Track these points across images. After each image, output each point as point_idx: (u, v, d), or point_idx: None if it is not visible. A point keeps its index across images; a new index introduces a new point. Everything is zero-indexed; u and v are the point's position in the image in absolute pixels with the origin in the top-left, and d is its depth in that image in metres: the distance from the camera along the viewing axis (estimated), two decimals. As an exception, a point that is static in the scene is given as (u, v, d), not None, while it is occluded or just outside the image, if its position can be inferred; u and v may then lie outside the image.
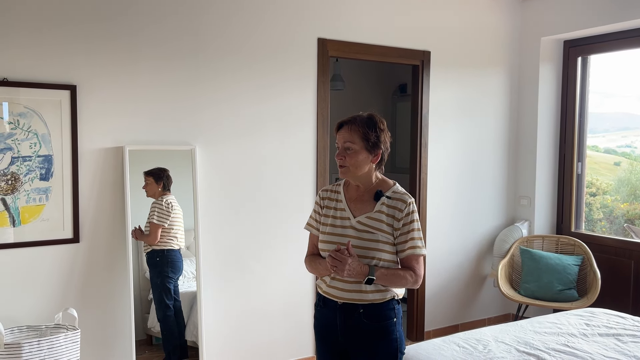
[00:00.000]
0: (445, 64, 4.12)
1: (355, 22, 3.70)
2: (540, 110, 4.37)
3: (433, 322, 4.25)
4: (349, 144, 2.02)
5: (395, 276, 1.99)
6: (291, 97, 3.51)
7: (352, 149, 2.02)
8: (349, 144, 2.02)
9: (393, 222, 2.01)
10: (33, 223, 2.81)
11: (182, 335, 3.36)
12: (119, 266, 3.04)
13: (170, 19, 3.10)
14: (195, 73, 3.19)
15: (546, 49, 4.34)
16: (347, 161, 2.02)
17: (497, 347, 2.63)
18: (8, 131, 2.73)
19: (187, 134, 3.20)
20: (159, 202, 3.22)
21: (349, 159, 2.02)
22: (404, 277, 1.99)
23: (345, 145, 2.02)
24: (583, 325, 2.94)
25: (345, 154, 2.02)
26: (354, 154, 2.02)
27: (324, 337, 2.13)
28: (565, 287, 3.87)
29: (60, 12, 2.82)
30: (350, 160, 2.02)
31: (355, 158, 2.02)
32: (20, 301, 2.81)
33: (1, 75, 2.71)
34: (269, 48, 3.41)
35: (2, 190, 2.74)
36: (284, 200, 3.53)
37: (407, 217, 2.01)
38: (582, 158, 4.37)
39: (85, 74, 2.90)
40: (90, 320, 2.97)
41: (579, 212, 4.41)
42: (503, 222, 4.53)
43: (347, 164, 2.02)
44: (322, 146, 3.64)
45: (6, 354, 2.51)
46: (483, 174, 4.40)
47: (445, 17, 4.09)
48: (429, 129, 4.09)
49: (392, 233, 2.01)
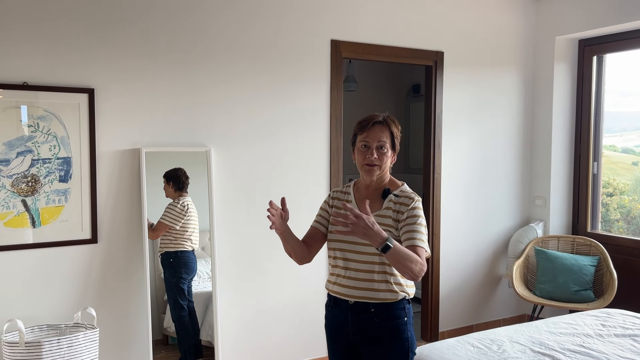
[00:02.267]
0: (459, 64, 4.12)
1: (369, 23, 3.72)
2: (555, 110, 4.34)
3: (447, 322, 4.25)
4: (382, 143, 2.02)
5: (407, 253, 1.86)
6: (305, 98, 3.53)
7: (385, 148, 2.02)
8: (382, 143, 2.02)
9: (398, 216, 2.00)
10: (52, 224, 2.87)
11: (196, 335, 3.40)
12: (136, 266, 3.09)
13: (185, 24, 3.14)
14: (210, 76, 3.23)
15: (561, 48, 4.32)
16: (379, 160, 2.02)
17: (511, 347, 2.62)
18: (28, 134, 2.79)
19: (202, 135, 3.24)
20: (174, 204, 3.26)
21: (381, 159, 2.02)
22: (414, 258, 1.87)
23: (379, 144, 2.02)
24: (599, 325, 2.92)
25: (378, 153, 2.02)
26: (385, 154, 2.03)
27: (335, 337, 2.14)
28: (581, 287, 3.84)
29: (78, 18, 2.88)
30: (381, 159, 2.02)
31: (386, 157, 2.03)
32: (40, 300, 2.87)
33: (21, 79, 2.77)
34: (283, 50, 3.44)
35: (23, 191, 2.80)
36: (297, 201, 3.55)
37: (411, 210, 1.97)
38: (598, 158, 4.33)
39: (103, 77, 2.95)
40: (108, 320, 3.03)
41: (595, 213, 4.37)
42: (518, 222, 4.51)
43: (378, 163, 2.02)
44: (335, 147, 3.66)
45: (27, 353, 2.56)
46: (497, 174, 4.39)
47: (459, 17, 4.09)
48: (443, 130, 4.08)
49: (398, 228, 1.99)
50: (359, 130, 2.06)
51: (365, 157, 2.02)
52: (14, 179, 2.77)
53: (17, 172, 2.77)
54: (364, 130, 2.04)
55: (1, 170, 2.74)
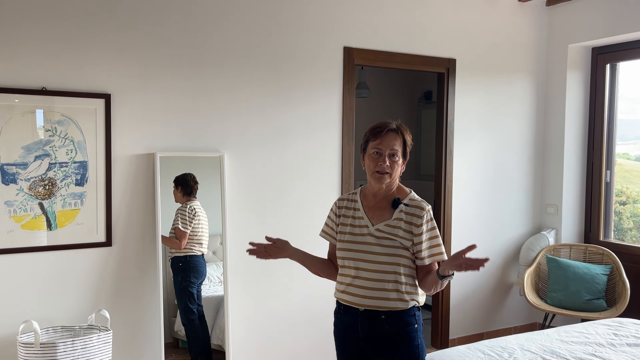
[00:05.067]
0: (471, 72, 4.13)
1: (381, 30, 3.74)
2: (567, 117, 4.32)
3: (458, 329, 4.23)
4: (395, 151, 2.02)
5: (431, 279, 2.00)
6: (317, 105, 3.56)
7: (396, 156, 2.03)
8: (395, 151, 2.02)
9: (412, 228, 2.01)
10: (68, 227, 2.91)
11: (207, 339, 3.43)
12: (149, 270, 3.12)
13: (200, 30, 3.19)
14: (223, 82, 3.27)
15: (574, 55, 4.31)
16: (390, 168, 2.02)
17: (522, 355, 2.62)
18: (46, 138, 2.84)
19: (216, 141, 3.27)
20: (182, 208, 3.29)
21: (392, 167, 2.02)
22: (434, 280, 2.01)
23: (392, 152, 2.02)
24: (611, 335, 2.90)
25: (390, 161, 2.02)
26: (397, 162, 2.03)
27: (345, 344, 2.14)
28: (593, 296, 3.81)
29: (96, 24, 2.93)
30: (393, 167, 2.02)
31: (397, 165, 2.03)
32: (55, 302, 2.91)
33: (40, 84, 2.82)
34: (296, 57, 3.47)
35: (40, 195, 2.85)
36: (309, 207, 3.57)
37: (428, 223, 2.02)
38: (611, 166, 4.31)
39: (120, 83, 3.00)
40: (121, 322, 3.06)
41: (607, 221, 4.34)
42: (529, 230, 4.49)
43: (389, 171, 2.02)
44: (347, 153, 3.68)
45: (42, 353, 2.60)
46: (509, 182, 4.38)
47: (471, 24, 4.10)
48: (454, 136, 4.09)
49: (412, 239, 2.01)
50: (371, 136, 2.05)
51: (377, 164, 2.02)
52: (31, 182, 2.82)
53: (35, 176, 2.83)
54: (377, 137, 2.03)
55: (19, 173, 2.79)
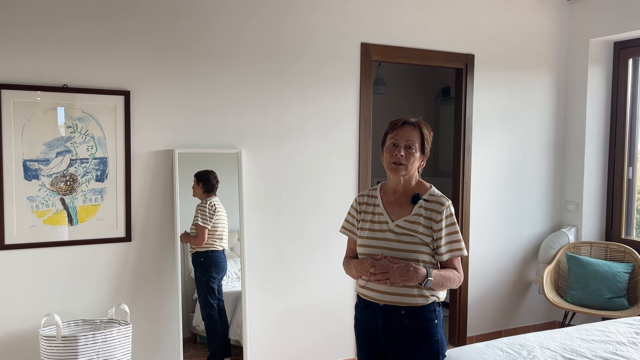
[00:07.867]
0: (490, 67, 4.08)
1: (399, 26, 3.72)
2: (588, 113, 4.26)
3: (476, 327, 4.20)
4: (411, 143, 2.04)
5: (447, 277, 2.02)
6: (334, 101, 3.56)
7: (413, 148, 2.04)
8: (411, 143, 2.04)
9: (431, 224, 2.02)
10: (89, 222, 2.96)
11: (225, 334, 3.45)
12: (168, 265, 3.15)
13: (218, 28, 3.20)
14: (242, 79, 3.28)
15: (595, 50, 4.24)
16: (406, 159, 2.04)
17: (542, 353, 2.59)
18: (67, 135, 2.88)
19: (234, 137, 3.29)
20: (202, 204, 3.32)
21: (408, 158, 2.04)
22: (453, 277, 2.04)
23: (408, 144, 2.04)
24: (632, 333, 2.86)
25: (406, 152, 2.04)
26: (413, 154, 2.04)
27: (365, 338, 2.15)
28: (614, 295, 3.76)
29: (116, 23, 2.96)
30: (408, 158, 2.04)
31: (413, 157, 2.04)
32: (76, 296, 2.96)
33: (62, 81, 2.87)
34: (313, 53, 3.47)
35: (62, 190, 2.89)
36: (326, 203, 3.57)
37: (447, 219, 2.03)
38: (634, 162, 4.24)
39: (139, 80, 3.03)
40: (140, 316, 3.10)
41: (629, 218, 4.27)
42: (549, 227, 4.44)
43: (405, 162, 2.04)
44: (364, 149, 3.67)
45: (63, 346, 2.65)
46: (528, 178, 4.33)
47: (490, 19, 4.06)
48: (473, 133, 4.05)
49: (432, 235, 2.02)
50: (389, 129, 2.09)
51: (393, 154, 2.04)
52: (53, 178, 2.87)
53: (56, 172, 2.87)
54: (394, 128, 2.07)
55: (41, 169, 2.84)
